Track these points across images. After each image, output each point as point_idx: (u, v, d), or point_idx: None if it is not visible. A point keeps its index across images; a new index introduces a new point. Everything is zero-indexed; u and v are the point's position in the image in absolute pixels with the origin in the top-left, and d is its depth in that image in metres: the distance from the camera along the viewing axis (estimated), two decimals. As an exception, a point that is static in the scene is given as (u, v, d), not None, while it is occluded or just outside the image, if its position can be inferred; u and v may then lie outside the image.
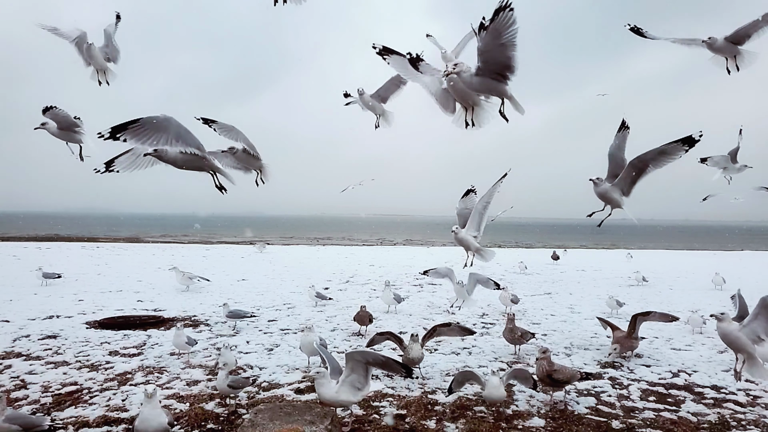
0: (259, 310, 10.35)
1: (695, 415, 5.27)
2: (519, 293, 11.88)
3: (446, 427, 4.87)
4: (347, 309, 10.54)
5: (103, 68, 4.89)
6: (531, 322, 9.72)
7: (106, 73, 4.93)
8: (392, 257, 24.37)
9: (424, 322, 9.48)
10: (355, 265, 20.18)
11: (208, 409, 5.19)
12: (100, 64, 4.85)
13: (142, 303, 10.98)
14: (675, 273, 18.80)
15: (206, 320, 9.39)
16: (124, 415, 5.05)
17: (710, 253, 31.22)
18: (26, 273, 13.37)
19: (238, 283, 14.28)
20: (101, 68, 4.88)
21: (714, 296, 13.14)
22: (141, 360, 6.88)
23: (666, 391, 5.98)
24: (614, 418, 5.14)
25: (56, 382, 5.96)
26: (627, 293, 13.19)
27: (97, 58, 4.80)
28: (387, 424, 4.87)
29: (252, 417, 4.34)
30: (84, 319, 9.28)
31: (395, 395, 5.68)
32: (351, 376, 4.61)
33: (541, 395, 5.77)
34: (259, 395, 5.65)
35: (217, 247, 29.17)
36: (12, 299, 10.95)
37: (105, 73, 4.93)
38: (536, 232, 61.88)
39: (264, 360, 6.98)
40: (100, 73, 4.91)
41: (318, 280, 14.38)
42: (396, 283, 14.46)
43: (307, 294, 11.05)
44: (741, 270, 19.87)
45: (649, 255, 28.10)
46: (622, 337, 7.16)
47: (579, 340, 8.31)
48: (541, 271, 18.58)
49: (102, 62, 4.85)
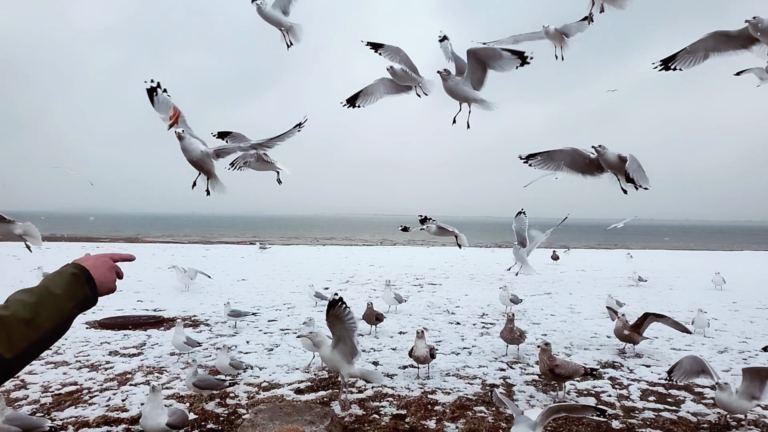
0: (259, 310, 10.35)
1: (695, 415, 5.27)
2: (519, 293, 11.88)
3: (446, 427, 4.87)
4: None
5: (285, 26, 4.36)
6: (531, 322, 9.72)
7: (290, 31, 4.42)
8: (392, 257, 24.38)
9: (424, 322, 9.48)
10: (355, 265, 20.18)
11: (208, 409, 5.19)
12: (279, 21, 4.34)
13: (142, 303, 10.98)
14: (675, 273, 18.80)
15: (206, 320, 9.39)
16: (124, 415, 5.04)
17: (710, 253, 31.23)
18: (26, 273, 13.35)
19: (238, 283, 14.28)
20: (283, 26, 4.36)
21: (714, 296, 13.14)
22: (141, 360, 6.88)
23: (666, 391, 5.97)
24: (614, 418, 5.14)
25: (56, 382, 5.96)
26: (627, 293, 13.19)
27: (272, 15, 4.27)
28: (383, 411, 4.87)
29: (252, 417, 4.34)
30: (84, 319, 9.27)
31: (395, 395, 5.68)
32: (339, 344, 4.92)
33: (541, 395, 5.77)
34: (259, 395, 5.65)
35: (217, 247, 29.18)
36: (12, 299, 10.94)
37: (289, 32, 4.42)
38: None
39: (264, 360, 6.98)
40: (285, 35, 4.40)
41: (318, 280, 14.37)
42: (396, 283, 14.46)
43: (307, 294, 11.05)
44: (741, 270, 19.87)
45: (649, 255, 28.10)
46: (627, 326, 7.24)
47: (579, 340, 8.31)
48: (541, 271, 18.55)
49: (281, 19, 4.33)
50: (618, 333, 7.40)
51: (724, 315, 10.62)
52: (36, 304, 1.33)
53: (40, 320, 1.32)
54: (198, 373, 5.31)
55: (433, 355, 6.33)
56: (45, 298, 1.36)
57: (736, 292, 13.68)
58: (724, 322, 9.89)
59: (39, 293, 1.36)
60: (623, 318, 7.34)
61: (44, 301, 1.35)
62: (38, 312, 1.32)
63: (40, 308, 1.33)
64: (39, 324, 1.31)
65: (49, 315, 1.34)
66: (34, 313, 1.31)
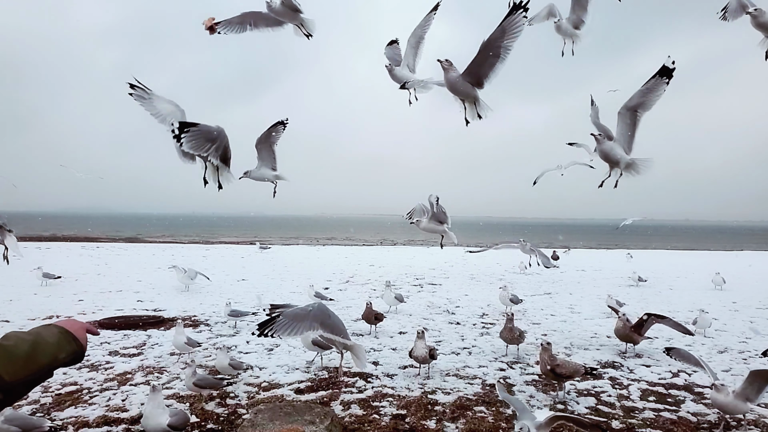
0: (259, 310, 10.34)
1: (695, 415, 5.27)
2: (519, 293, 11.88)
3: (446, 427, 4.87)
4: (347, 309, 10.55)
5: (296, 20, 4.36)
6: (531, 322, 9.72)
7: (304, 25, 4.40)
8: (392, 257, 24.37)
9: (424, 322, 9.48)
10: (355, 265, 20.17)
11: (208, 410, 5.19)
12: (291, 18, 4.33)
13: (142, 303, 10.98)
14: (675, 273, 18.80)
15: (206, 320, 9.39)
16: (124, 415, 5.05)
17: (710, 253, 31.24)
18: (26, 273, 13.35)
19: (238, 283, 14.28)
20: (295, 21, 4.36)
21: (714, 296, 13.14)
22: (141, 360, 6.88)
23: (666, 391, 5.98)
24: (614, 418, 5.14)
25: (56, 382, 5.95)
26: (627, 293, 13.20)
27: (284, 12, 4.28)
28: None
29: (252, 417, 4.34)
30: (84, 319, 9.28)
31: (395, 395, 5.68)
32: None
33: (541, 395, 5.77)
34: (259, 395, 5.65)
35: (217, 247, 29.17)
36: (12, 299, 10.95)
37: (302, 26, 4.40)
38: (538, 232, 61.90)
39: (264, 360, 6.98)
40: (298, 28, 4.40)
41: (318, 280, 14.37)
42: (396, 283, 14.46)
43: (307, 294, 11.04)
44: (741, 270, 19.87)
45: (650, 255, 28.10)
46: (628, 326, 7.23)
47: (579, 340, 8.31)
48: (541, 271, 18.53)
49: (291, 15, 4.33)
50: (619, 333, 7.40)
51: (724, 315, 10.61)
52: (34, 343, 1.55)
53: (37, 357, 1.54)
54: (197, 373, 5.31)
55: (434, 356, 6.33)
56: (40, 342, 1.58)
57: (736, 292, 13.68)
58: (724, 322, 9.88)
59: (35, 337, 1.59)
60: (624, 318, 7.34)
61: (41, 343, 1.57)
62: (36, 350, 1.55)
63: (38, 347, 1.55)
64: (36, 360, 1.53)
65: (45, 354, 1.57)
66: (32, 350, 1.53)
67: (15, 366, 1.48)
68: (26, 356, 1.51)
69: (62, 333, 1.68)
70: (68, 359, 1.67)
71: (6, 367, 1.45)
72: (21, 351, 1.51)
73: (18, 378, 1.47)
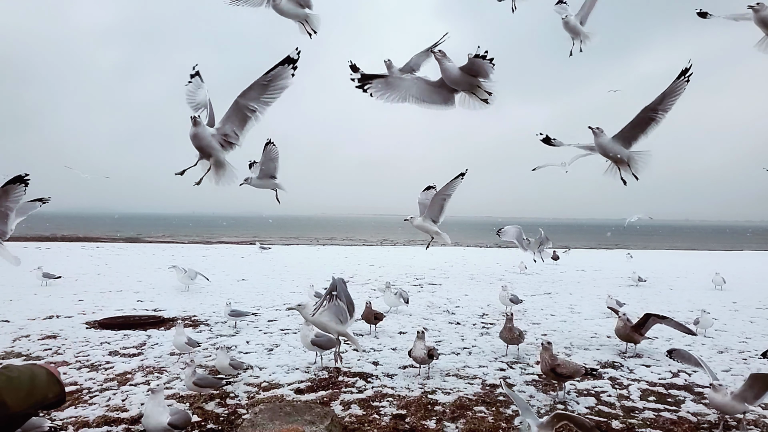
0: (259, 310, 10.35)
1: (695, 415, 5.27)
2: (519, 293, 11.88)
3: (446, 427, 4.87)
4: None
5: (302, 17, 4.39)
6: (531, 322, 9.72)
7: (309, 21, 4.43)
8: (392, 257, 24.37)
9: (424, 322, 9.48)
10: (355, 265, 20.18)
11: (208, 410, 5.19)
12: (297, 14, 4.37)
13: (142, 303, 10.98)
14: (675, 273, 18.81)
15: (206, 320, 9.39)
16: (124, 415, 5.05)
17: (710, 253, 31.24)
18: (26, 273, 13.35)
19: (238, 283, 14.28)
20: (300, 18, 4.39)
21: (714, 296, 13.15)
22: (141, 360, 6.88)
23: (666, 391, 5.98)
24: (614, 418, 5.14)
25: (56, 382, 5.95)
26: (627, 293, 13.20)
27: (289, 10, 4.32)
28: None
29: (252, 417, 4.34)
30: (84, 319, 9.29)
31: (395, 395, 5.68)
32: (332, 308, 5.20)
33: (541, 395, 5.78)
34: (259, 395, 5.65)
35: (217, 247, 29.17)
36: (12, 299, 10.95)
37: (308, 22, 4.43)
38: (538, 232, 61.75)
39: (264, 360, 6.98)
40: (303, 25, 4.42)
41: (318, 280, 14.36)
42: (396, 283, 14.45)
43: (307, 294, 11.04)
44: (741, 270, 19.87)
45: (650, 255, 28.10)
46: (628, 326, 7.24)
47: (579, 340, 8.31)
48: (541, 271, 18.57)
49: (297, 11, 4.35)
50: (619, 333, 7.40)
51: (724, 315, 10.61)
52: (32, 377, 1.70)
53: (34, 391, 1.68)
54: (197, 373, 5.31)
55: (434, 356, 6.32)
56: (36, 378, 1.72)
57: (736, 292, 13.68)
58: (724, 322, 9.88)
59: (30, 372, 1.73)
60: (624, 317, 7.34)
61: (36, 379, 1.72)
62: (34, 384, 1.70)
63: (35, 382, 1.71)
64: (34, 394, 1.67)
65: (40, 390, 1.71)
66: (31, 384, 1.68)
67: (19, 396, 1.59)
68: (28, 389, 1.63)
69: (49, 374, 1.81)
70: (54, 400, 1.80)
71: (12, 397, 1.56)
72: (24, 383, 1.64)
73: (20, 409, 1.59)
